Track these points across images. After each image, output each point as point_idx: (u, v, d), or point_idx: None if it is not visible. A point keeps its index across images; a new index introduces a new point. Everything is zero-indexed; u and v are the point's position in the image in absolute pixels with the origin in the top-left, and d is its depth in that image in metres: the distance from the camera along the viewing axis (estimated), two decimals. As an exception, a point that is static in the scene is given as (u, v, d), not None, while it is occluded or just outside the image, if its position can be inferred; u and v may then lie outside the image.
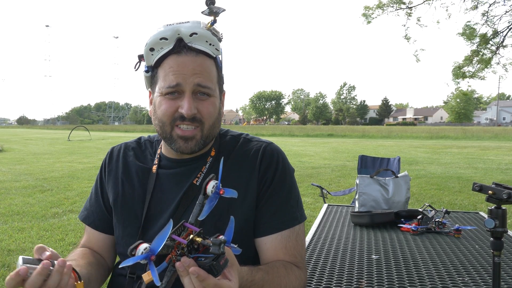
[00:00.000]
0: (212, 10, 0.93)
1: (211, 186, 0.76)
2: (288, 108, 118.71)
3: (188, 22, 0.95)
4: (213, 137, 1.05)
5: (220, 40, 0.98)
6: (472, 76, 11.65)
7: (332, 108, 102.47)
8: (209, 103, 0.99)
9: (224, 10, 0.94)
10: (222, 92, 1.07)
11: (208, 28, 0.94)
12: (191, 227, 0.74)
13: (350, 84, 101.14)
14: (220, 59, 1.03)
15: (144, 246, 0.67)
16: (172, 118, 0.98)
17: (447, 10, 12.44)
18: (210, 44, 0.96)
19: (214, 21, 0.94)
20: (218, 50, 0.99)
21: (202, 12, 0.95)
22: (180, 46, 0.95)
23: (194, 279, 0.69)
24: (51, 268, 0.73)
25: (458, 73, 11.76)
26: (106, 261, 1.14)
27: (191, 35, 0.94)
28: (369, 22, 11.94)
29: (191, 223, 0.75)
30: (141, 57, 1.01)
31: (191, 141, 0.99)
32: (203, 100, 0.98)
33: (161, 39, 0.94)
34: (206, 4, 0.93)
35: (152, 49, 0.96)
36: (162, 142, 1.11)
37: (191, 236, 0.71)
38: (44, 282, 0.72)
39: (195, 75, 0.95)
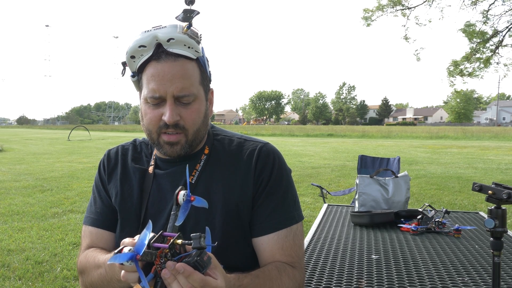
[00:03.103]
0: (186, 15, 0.93)
1: (181, 196, 0.80)
2: (288, 108, 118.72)
3: (165, 27, 0.95)
4: (200, 140, 1.05)
5: (198, 42, 0.97)
6: (470, 74, 11.66)
7: (332, 108, 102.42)
8: (192, 110, 1.00)
9: (198, 13, 0.94)
10: (209, 91, 1.07)
11: (185, 32, 0.94)
12: (169, 234, 0.76)
13: (349, 84, 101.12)
14: (204, 58, 1.02)
15: (128, 248, 0.71)
16: (157, 126, 1.00)
17: (441, 10, 12.43)
18: (188, 47, 0.96)
19: (190, 25, 0.94)
20: (198, 52, 0.98)
21: (176, 17, 0.95)
22: (159, 52, 0.95)
23: (182, 279, 0.70)
24: None
25: (454, 70, 11.77)
26: None
27: (168, 40, 0.94)
28: (368, 24, 11.97)
29: (168, 232, 0.78)
30: (124, 64, 1.01)
31: (176, 145, 1.01)
32: (186, 106, 0.99)
33: (139, 46, 0.95)
34: (186, 2, 0.93)
35: (133, 57, 0.97)
36: None
37: (172, 240, 0.74)
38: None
39: (175, 83, 0.95)
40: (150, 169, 1.10)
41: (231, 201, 1.02)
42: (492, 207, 1.05)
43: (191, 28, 0.95)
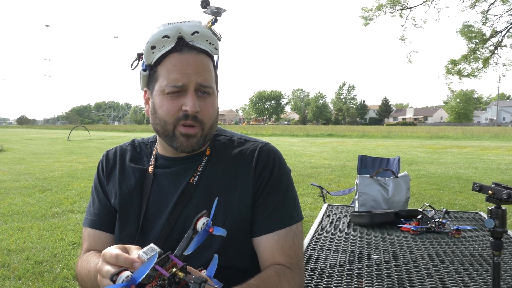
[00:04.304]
0: (214, 10, 0.95)
1: (201, 223, 0.75)
2: (288, 108, 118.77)
3: (189, 21, 0.96)
4: (211, 136, 1.06)
5: (219, 39, 0.99)
6: (469, 75, 11.66)
7: (332, 108, 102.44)
8: (209, 104, 1.00)
9: (225, 10, 0.95)
10: (217, 91, 1.08)
11: (209, 27, 0.96)
12: (176, 260, 0.73)
13: (349, 84, 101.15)
14: (217, 59, 1.04)
15: (126, 274, 0.67)
16: (175, 118, 0.98)
17: (439, 11, 12.42)
18: (210, 43, 0.98)
19: (215, 21, 0.96)
20: (216, 49, 1.00)
21: (204, 11, 0.96)
22: (182, 44, 0.96)
23: None
24: None
25: (452, 68, 11.76)
26: None
27: (192, 33, 0.95)
28: (367, 24, 11.98)
29: (176, 256, 0.74)
30: (140, 55, 1.01)
31: (193, 138, 1.00)
32: (204, 99, 0.99)
33: (163, 37, 0.95)
34: (202, 6, 0.94)
35: (153, 47, 0.97)
36: (158, 141, 1.11)
37: (174, 269, 0.71)
38: None
39: (198, 73, 0.96)
40: (150, 168, 1.09)
41: (232, 202, 1.02)
42: (492, 207, 1.05)
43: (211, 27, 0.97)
